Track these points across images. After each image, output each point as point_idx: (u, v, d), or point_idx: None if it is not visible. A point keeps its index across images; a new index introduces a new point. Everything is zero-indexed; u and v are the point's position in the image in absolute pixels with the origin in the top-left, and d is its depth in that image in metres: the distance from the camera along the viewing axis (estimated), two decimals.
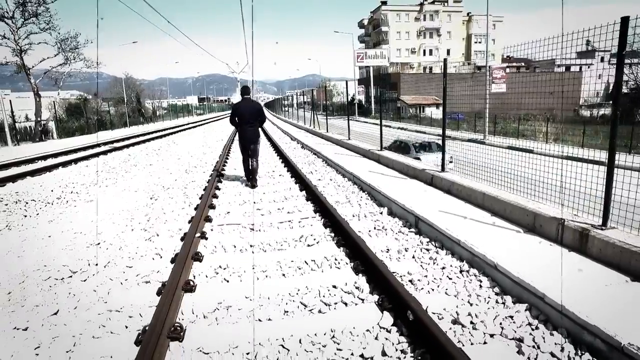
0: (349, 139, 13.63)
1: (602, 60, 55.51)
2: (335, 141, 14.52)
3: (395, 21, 70.51)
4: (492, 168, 5.80)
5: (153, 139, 22.53)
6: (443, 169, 6.77)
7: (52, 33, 26.95)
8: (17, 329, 3.13)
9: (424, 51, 71.31)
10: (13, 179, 9.78)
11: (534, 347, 2.61)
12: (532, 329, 2.80)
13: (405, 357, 2.59)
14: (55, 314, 3.33)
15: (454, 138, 14.69)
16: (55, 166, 11.92)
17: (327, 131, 17.60)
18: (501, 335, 2.77)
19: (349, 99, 51.00)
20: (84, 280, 3.96)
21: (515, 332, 2.78)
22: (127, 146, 18.34)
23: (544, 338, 2.67)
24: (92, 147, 18.23)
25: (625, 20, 3.13)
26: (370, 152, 10.34)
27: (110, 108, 42.39)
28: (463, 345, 2.63)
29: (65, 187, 8.87)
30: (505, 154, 5.85)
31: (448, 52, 70.67)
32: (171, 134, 26.79)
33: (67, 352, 2.74)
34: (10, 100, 24.10)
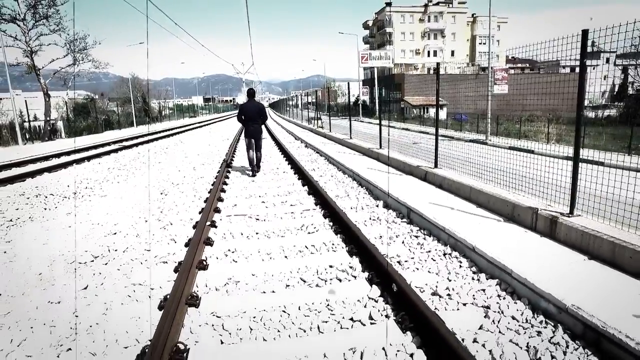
0: (351, 138, 14.06)
1: (607, 61, 55.53)
2: (337, 140, 14.97)
3: (399, 22, 70.61)
4: (488, 167, 6.17)
5: (160, 138, 23.06)
6: (436, 166, 7.20)
7: (62, 34, 27.57)
8: (52, 302, 3.58)
9: (428, 52, 71.39)
10: (32, 174, 10.34)
11: (498, 312, 3.04)
12: (500, 299, 3.24)
13: (388, 319, 3.03)
14: (85, 288, 3.79)
15: (458, 139, 15.11)
16: (70, 163, 12.47)
17: (330, 131, 18.06)
18: (472, 304, 3.20)
19: (354, 100, 51.30)
20: (106, 264, 4.40)
21: (485, 301, 3.22)
22: (136, 145, 18.92)
23: (508, 305, 3.10)
24: (102, 145, 18.79)
25: (585, 33, 3.54)
26: (370, 150, 10.78)
27: (117, 108, 43.05)
28: (438, 311, 3.08)
29: (80, 182, 9.37)
30: (505, 154, 6.14)
31: (452, 53, 70.75)
32: (177, 133, 27.33)
33: (102, 314, 3.22)
34: (25, 100, 24.74)
